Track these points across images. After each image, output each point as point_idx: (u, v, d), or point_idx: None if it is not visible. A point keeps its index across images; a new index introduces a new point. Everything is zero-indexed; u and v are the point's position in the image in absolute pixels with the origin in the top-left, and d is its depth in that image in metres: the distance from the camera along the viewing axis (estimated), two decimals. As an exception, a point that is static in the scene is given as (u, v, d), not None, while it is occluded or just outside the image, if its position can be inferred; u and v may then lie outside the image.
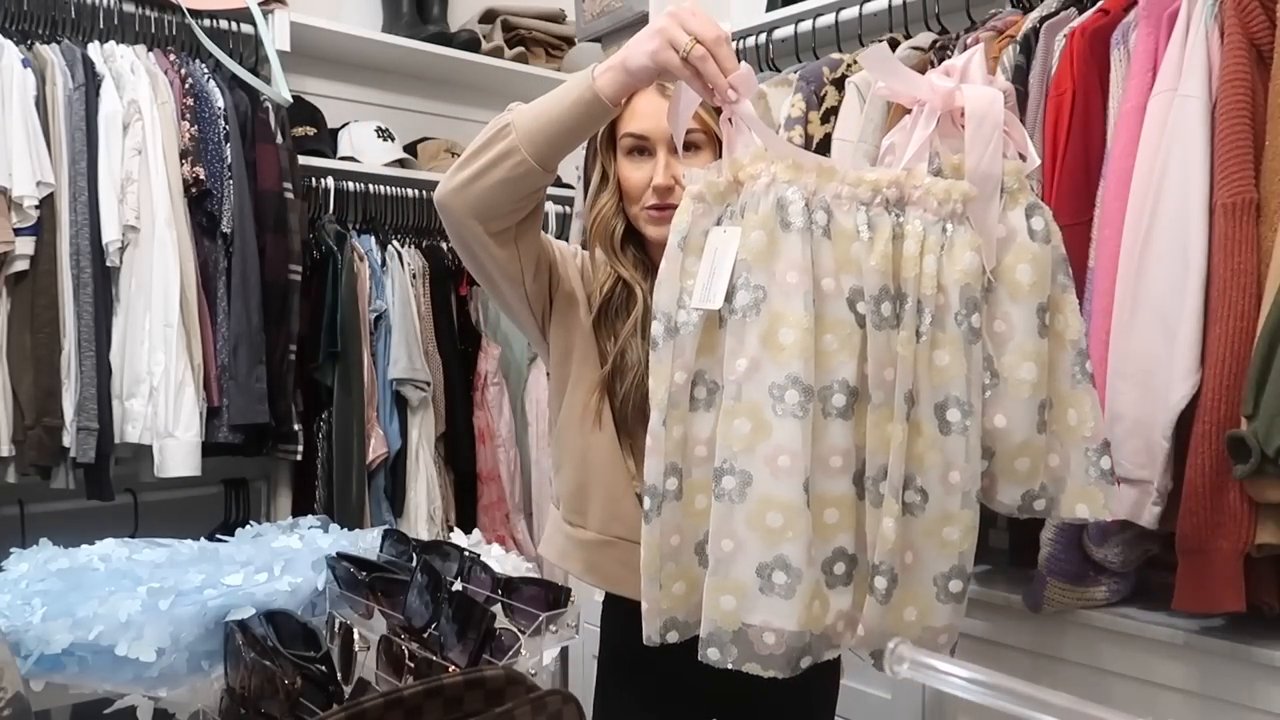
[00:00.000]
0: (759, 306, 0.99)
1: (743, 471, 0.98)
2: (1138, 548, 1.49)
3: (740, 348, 0.99)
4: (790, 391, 0.97)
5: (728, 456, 0.99)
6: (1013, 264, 1.04)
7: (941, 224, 1.02)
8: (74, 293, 1.96)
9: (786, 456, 0.97)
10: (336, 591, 1.12)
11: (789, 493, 0.97)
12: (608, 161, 1.36)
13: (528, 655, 0.96)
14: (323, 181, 2.48)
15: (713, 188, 1.03)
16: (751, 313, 0.99)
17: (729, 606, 0.99)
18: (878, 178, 1.02)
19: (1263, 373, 1.24)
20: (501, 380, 2.71)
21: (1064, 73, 1.55)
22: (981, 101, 1.02)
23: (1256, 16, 1.36)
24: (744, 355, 0.99)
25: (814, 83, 1.95)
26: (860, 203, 1.02)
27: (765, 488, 0.97)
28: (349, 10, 2.83)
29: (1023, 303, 1.04)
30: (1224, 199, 1.33)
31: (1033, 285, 1.04)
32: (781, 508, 0.97)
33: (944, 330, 1.02)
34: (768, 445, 0.98)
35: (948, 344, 1.01)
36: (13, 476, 1.95)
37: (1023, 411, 1.05)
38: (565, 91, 1.16)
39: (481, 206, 1.19)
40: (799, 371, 0.97)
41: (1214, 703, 1.39)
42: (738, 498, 0.98)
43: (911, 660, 0.73)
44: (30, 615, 0.99)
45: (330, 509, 2.30)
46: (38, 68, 1.98)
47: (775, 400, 0.97)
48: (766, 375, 0.98)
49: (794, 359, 0.97)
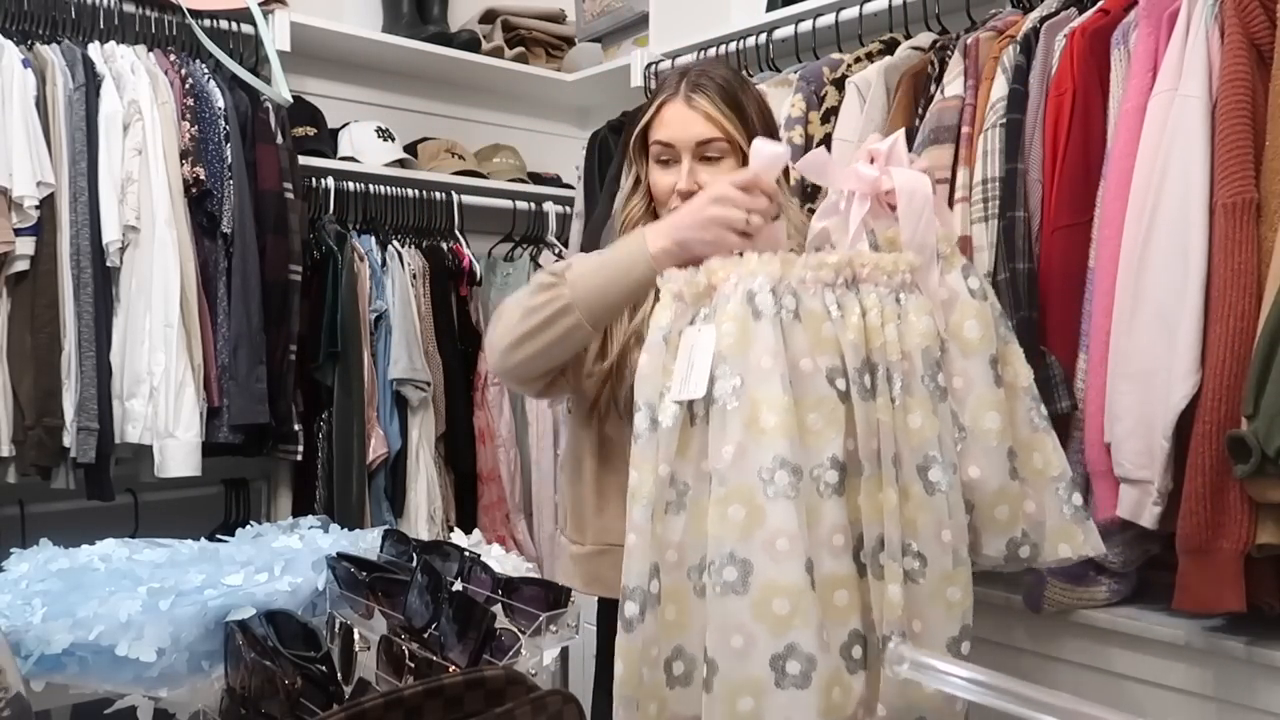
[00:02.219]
0: (738, 394, 1.00)
1: (743, 560, 0.96)
2: (1138, 548, 1.49)
3: (724, 436, 0.99)
4: (779, 473, 0.97)
5: (724, 547, 0.97)
6: (960, 322, 1.12)
7: (894, 294, 1.08)
8: (74, 293, 1.96)
9: (785, 539, 0.96)
10: (337, 591, 1.12)
11: (792, 576, 0.95)
12: (640, 166, 1.42)
13: (528, 655, 0.96)
14: (323, 181, 2.48)
15: (692, 287, 1.06)
16: (732, 400, 1.00)
17: (747, 708, 0.95)
18: (836, 260, 1.07)
19: (1263, 373, 1.24)
20: (501, 380, 2.72)
21: (1064, 73, 1.55)
22: (910, 180, 1.11)
23: (1256, 16, 1.36)
24: (729, 442, 0.99)
25: (814, 83, 1.95)
26: (825, 284, 1.06)
27: (768, 574, 0.95)
28: (349, 10, 2.83)
29: (975, 357, 1.12)
30: (1224, 199, 1.33)
31: (981, 339, 1.12)
32: (787, 592, 0.95)
33: (913, 394, 1.06)
34: (764, 530, 0.96)
35: (918, 406, 1.06)
36: (13, 476, 1.95)
37: (993, 459, 1.11)
38: (625, 270, 1.20)
39: (533, 370, 1.28)
40: (785, 452, 0.98)
41: (1215, 703, 1.39)
42: (741, 588, 0.95)
43: (911, 660, 0.73)
44: (30, 615, 0.99)
45: (330, 509, 2.30)
46: (38, 68, 1.98)
47: (765, 483, 0.97)
48: (753, 459, 0.98)
49: (778, 439, 0.98)
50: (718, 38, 2.32)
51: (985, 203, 1.60)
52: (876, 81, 1.82)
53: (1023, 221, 1.55)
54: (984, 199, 1.60)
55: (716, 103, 1.34)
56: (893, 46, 1.93)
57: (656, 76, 2.47)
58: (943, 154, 1.65)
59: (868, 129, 1.80)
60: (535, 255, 2.89)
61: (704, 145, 1.34)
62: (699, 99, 1.34)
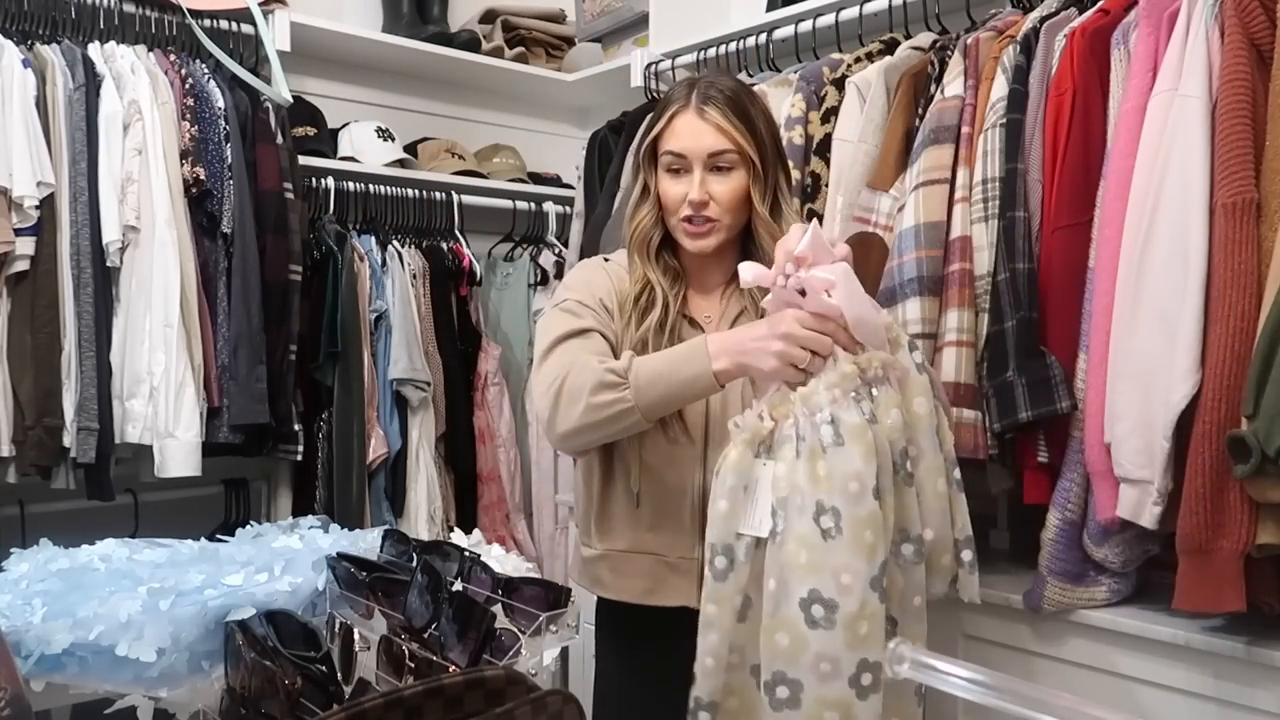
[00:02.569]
0: (777, 533, 1.12)
1: (794, 680, 1.09)
2: (1138, 548, 1.49)
3: (772, 568, 1.11)
4: (815, 606, 1.08)
5: (777, 668, 1.10)
6: (911, 398, 1.20)
7: (869, 389, 1.16)
8: (74, 293, 1.96)
9: (828, 663, 1.08)
10: (337, 591, 1.12)
11: (838, 692, 1.08)
12: (649, 175, 1.46)
13: (528, 655, 0.96)
14: (323, 181, 2.48)
15: (757, 432, 1.15)
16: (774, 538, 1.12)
17: None
18: (851, 369, 1.14)
19: (1263, 373, 1.24)
20: (502, 380, 2.72)
21: (1064, 73, 1.55)
22: (835, 272, 1.16)
23: (1256, 16, 1.36)
24: (772, 576, 1.11)
25: (814, 83, 1.95)
26: (852, 397, 1.13)
27: (816, 692, 1.08)
28: (349, 10, 2.83)
29: (925, 430, 1.21)
30: (1224, 199, 1.33)
31: (928, 413, 1.21)
32: (834, 705, 1.08)
33: (893, 481, 1.17)
34: (808, 654, 1.09)
35: (897, 490, 1.17)
36: (13, 476, 1.95)
37: (941, 519, 1.23)
38: (688, 383, 1.26)
39: (587, 448, 1.43)
40: (818, 586, 1.09)
41: (1215, 703, 1.39)
42: (792, 705, 1.09)
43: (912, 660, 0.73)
44: (31, 615, 0.99)
45: (330, 509, 2.30)
46: (38, 68, 1.98)
47: (804, 614, 1.08)
48: (794, 592, 1.09)
49: (809, 575, 1.09)
50: (718, 38, 2.32)
51: (985, 203, 1.60)
52: (876, 81, 1.82)
53: (1023, 221, 1.55)
54: (984, 199, 1.60)
55: (728, 114, 1.37)
56: (893, 46, 1.93)
57: (657, 77, 2.47)
58: (943, 154, 1.65)
59: (868, 129, 1.80)
60: (535, 255, 2.90)
61: (715, 156, 1.38)
62: (711, 110, 1.37)
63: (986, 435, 1.56)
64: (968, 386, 1.57)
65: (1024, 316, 1.52)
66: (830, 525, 1.09)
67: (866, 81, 1.84)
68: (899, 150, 1.76)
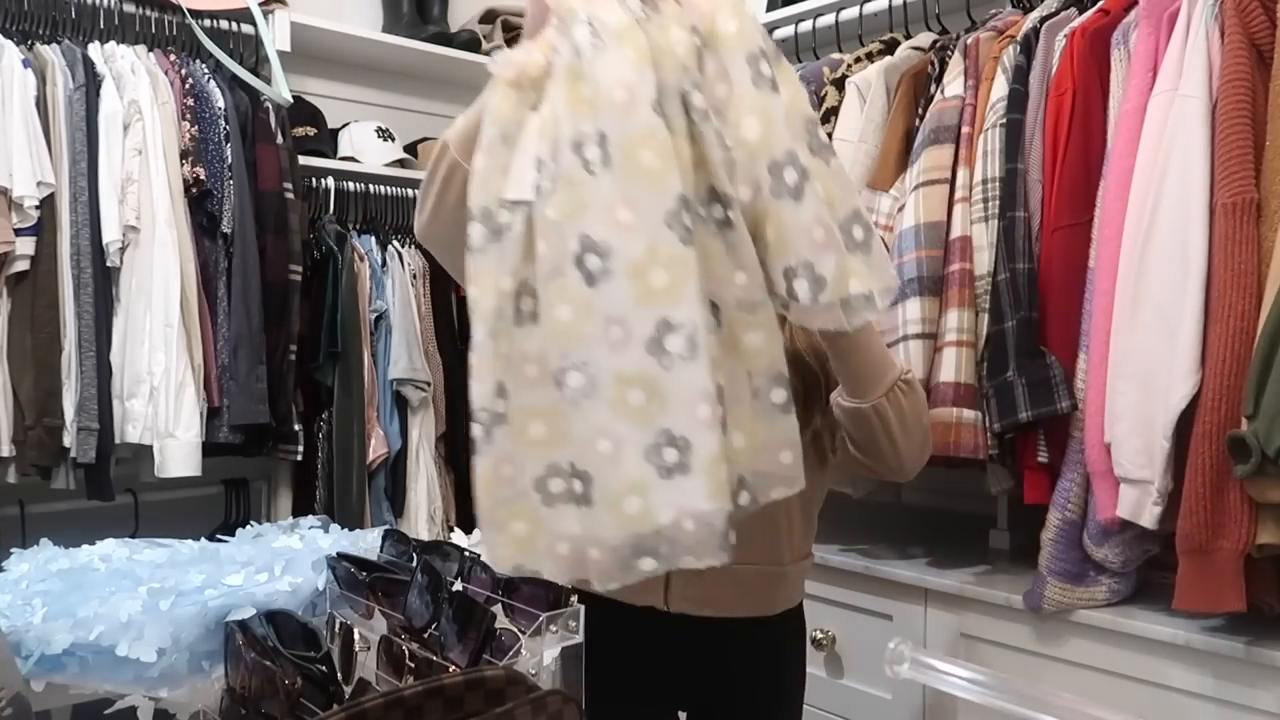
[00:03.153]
0: (543, 191, 0.86)
1: (581, 362, 0.86)
2: (1138, 548, 1.49)
3: (541, 230, 0.87)
4: (589, 257, 0.85)
5: (563, 351, 0.86)
6: (739, 118, 0.91)
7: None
8: (74, 293, 1.96)
9: (617, 327, 0.85)
10: (337, 591, 1.12)
11: (635, 363, 0.84)
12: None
13: (528, 655, 0.96)
14: (323, 181, 2.48)
15: (524, 70, 0.90)
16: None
17: (635, 509, 0.85)
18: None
19: (1263, 373, 1.24)
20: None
21: (1064, 73, 1.55)
22: None
23: (1256, 16, 1.36)
24: (542, 239, 0.87)
25: (814, 83, 1.95)
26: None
27: (610, 366, 0.85)
28: (349, 10, 2.83)
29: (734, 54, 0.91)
30: (1224, 199, 1.33)
31: (760, 133, 0.91)
32: (635, 380, 0.84)
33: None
34: (594, 322, 0.85)
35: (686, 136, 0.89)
36: (13, 476, 1.95)
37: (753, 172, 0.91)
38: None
39: (440, 229, 1.16)
40: (588, 231, 0.85)
41: (1215, 703, 1.39)
42: (590, 391, 0.85)
43: (912, 660, 0.74)
44: (31, 615, 0.99)
45: (330, 509, 2.30)
46: (38, 68, 1.98)
47: (581, 271, 0.85)
48: (567, 249, 0.85)
49: (577, 219, 0.85)
50: (718, 38, 2.32)
51: (985, 203, 1.60)
52: (876, 81, 1.82)
53: (1023, 221, 1.55)
54: (984, 199, 1.60)
55: None
56: (893, 46, 1.93)
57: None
58: (943, 154, 1.66)
59: (868, 129, 1.81)
60: (535, 255, 2.89)
61: None
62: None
63: (986, 435, 1.56)
64: (968, 386, 1.57)
65: (1024, 316, 1.52)
66: (595, 156, 0.84)
67: (866, 81, 1.84)
68: (899, 150, 1.76)
